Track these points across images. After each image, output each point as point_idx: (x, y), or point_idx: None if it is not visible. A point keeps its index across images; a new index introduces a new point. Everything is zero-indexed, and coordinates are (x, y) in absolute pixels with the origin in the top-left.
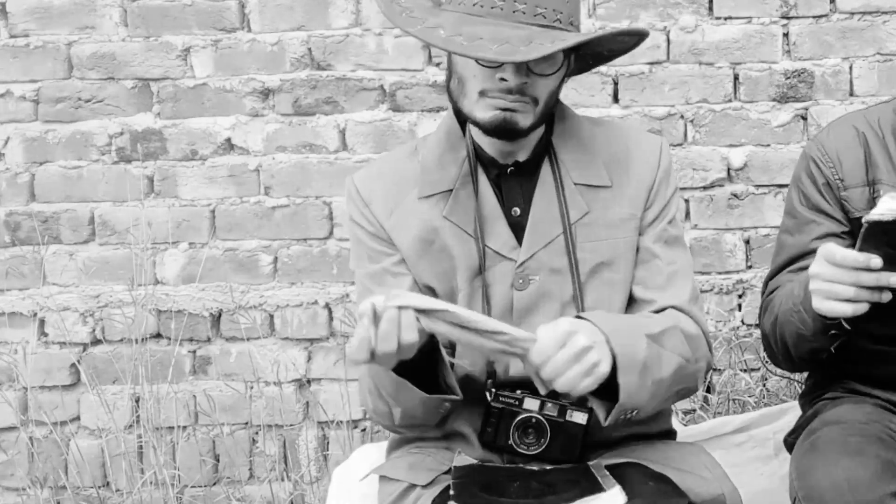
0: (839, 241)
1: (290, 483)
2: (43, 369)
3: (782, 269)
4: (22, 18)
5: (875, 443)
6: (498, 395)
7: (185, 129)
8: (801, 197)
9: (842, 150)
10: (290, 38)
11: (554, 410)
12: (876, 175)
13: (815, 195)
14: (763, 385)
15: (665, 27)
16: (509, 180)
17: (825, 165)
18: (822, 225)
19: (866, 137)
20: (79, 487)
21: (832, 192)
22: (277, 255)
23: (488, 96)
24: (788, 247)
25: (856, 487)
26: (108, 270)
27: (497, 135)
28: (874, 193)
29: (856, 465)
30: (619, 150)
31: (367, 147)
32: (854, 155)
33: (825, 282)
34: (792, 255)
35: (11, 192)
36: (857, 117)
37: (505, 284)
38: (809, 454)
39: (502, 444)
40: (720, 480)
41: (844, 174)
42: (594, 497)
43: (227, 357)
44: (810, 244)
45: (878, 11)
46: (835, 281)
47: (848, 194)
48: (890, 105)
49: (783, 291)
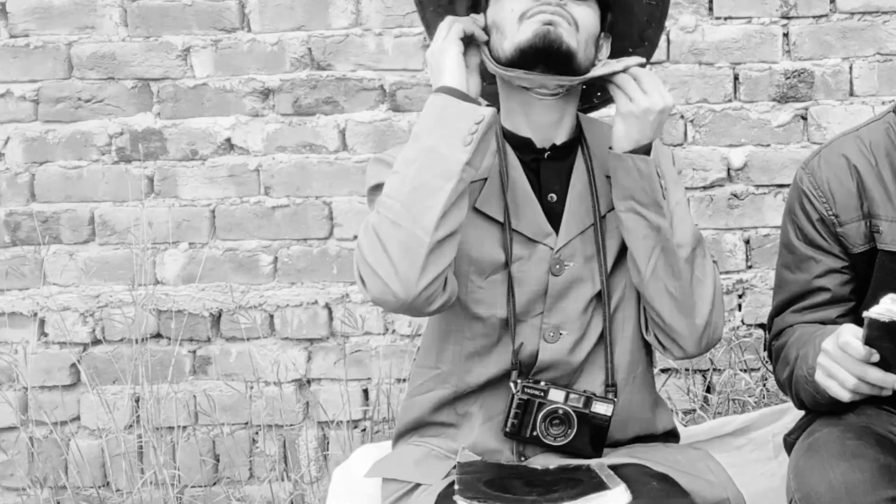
0: (841, 276)
1: (290, 483)
2: (43, 369)
3: (786, 307)
4: (22, 18)
5: (873, 446)
6: (524, 386)
7: (186, 129)
8: (796, 231)
9: (834, 184)
10: (290, 38)
11: (579, 402)
12: (872, 208)
13: (810, 231)
14: (763, 385)
15: (665, 27)
16: (547, 165)
17: (818, 201)
18: (820, 262)
19: (858, 169)
20: (79, 487)
21: (827, 228)
22: (277, 255)
23: (528, 16)
24: (790, 284)
25: (853, 491)
26: (108, 270)
27: (542, 53)
28: (872, 228)
29: (853, 468)
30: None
31: (367, 147)
32: (847, 189)
33: (832, 362)
34: (794, 294)
35: (11, 192)
36: (848, 143)
37: (541, 269)
38: (807, 456)
39: (528, 435)
40: (725, 485)
41: (838, 210)
42: (599, 495)
43: (227, 357)
44: (812, 283)
45: (878, 11)
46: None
47: (844, 231)
48: (882, 123)
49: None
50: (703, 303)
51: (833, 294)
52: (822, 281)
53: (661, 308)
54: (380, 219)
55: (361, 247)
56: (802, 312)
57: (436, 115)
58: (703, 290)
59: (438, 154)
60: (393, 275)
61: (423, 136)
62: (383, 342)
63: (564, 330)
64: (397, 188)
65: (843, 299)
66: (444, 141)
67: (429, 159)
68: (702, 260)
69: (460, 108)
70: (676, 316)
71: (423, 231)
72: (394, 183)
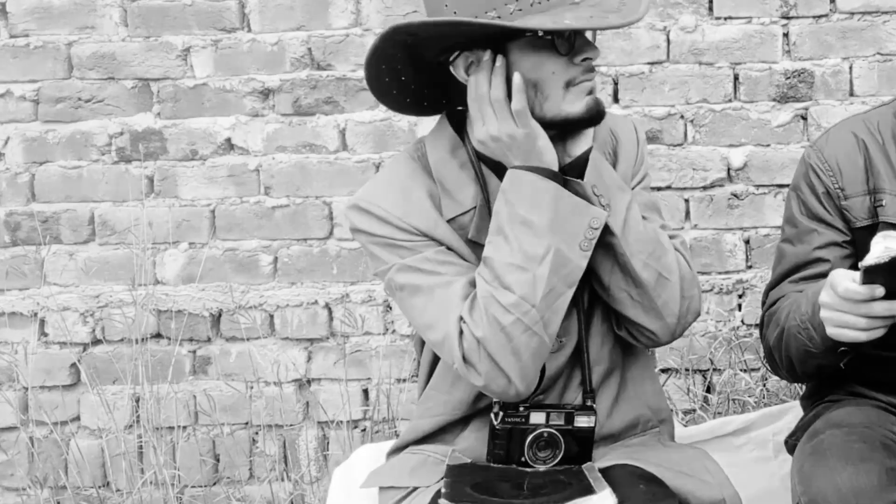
0: (841, 250)
1: (290, 483)
2: (43, 369)
3: (783, 278)
4: (22, 18)
5: (879, 449)
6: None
7: (185, 129)
8: (800, 206)
9: (841, 158)
10: (290, 38)
11: (560, 419)
12: (877, 183)
13: (814, 204)
14: (763, 385)
15: (665, 27)
16: None
17: (825, 174)
18: (822, 234)
19: (866, 144)
20: (79, 487)
21: (832, 201)
22: (277, 255)
23: (575, 84)
24: (789, 256)
25: (861, 496)
26: (108, 270)
27: (593, 122)
28: (876, 202)
29: (860, 473)
30: (607, 134)
31: (367, 147)
32: (854, 163)
33: (836, 311)
34: (793, 265)
35: (11, 192)
36: (856, 122)
37: None
38: (812, 460)
39: (517, 461)
40: (722, 485)
41: (845, 183)
42: (585, 499)
43: (227, 357)
44: (812, 253)
45: (878, 11)
46: (844, 311)
47: (849, 204)
48: (890, 108)
49: (788, 305)
50: (672, 301)
51: (832, 265)
52: (823, 252)
53: (630, 314)
54: (514, 322)
55: (487, 343)
56: (799, 283)
57: (551, 206)
58: (671, 290)
59: (564, 257)
60: (520, 377)
61: (543, 232)
62: (383, 342)
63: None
64: (530, 291)
65: None
66: (566, 242)
67: (556, 262)
68: (664, 259)
69: (575, 205)
70: (646, 318)
71: (549, 337)
72: (524, 283)
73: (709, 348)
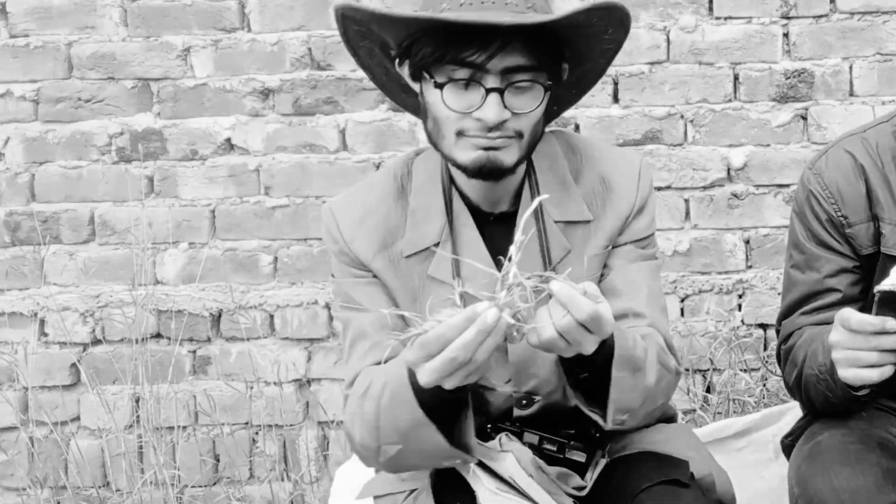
0: (851, 276)
1: (291, 483)
2: (43, 369)
3: (796, 308)
4: (22, 18)
5: (875, 450)
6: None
7: (185, 129)
8: (806, 232)
9: (842, 184)
10: (290, 38)
11: (553, 446)
12: (878, 211)
13: (820, 232)
14: (763, 385)
15: (665, 27)
16: (492, 227)
17: (826, 202)
18: (831, 261)
19: (865, 169)
20: (79, 487)
21: (837, 228)
22: (277, 254)
23: (467, 136)
24: (800, 284)
25: (857, 497)
26: (108, 270)
27: (481, 176)
28: (878, 229)
29: (857, 474)
30: (597, 182)
31: (367, 147)
32: (855, 189)
33: (846, 350)
34: (804, 294)
35: (11, 192)
36: (855, 143)
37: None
38: (809, 461)
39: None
40: (706, 460)
41: (847, 211)
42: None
43: (228, 357)
44: (823, 282)
45: (878, 11)
46: (855, 347)
47: (853, 231)
48: (889, 126)
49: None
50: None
51: (843, 294)
52: (833, 281)
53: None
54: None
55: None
56: (812, 314)
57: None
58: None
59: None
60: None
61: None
62: None
63: (539, 394)
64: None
65: (853, 299)
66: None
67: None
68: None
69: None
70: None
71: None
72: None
73: (709, 348)
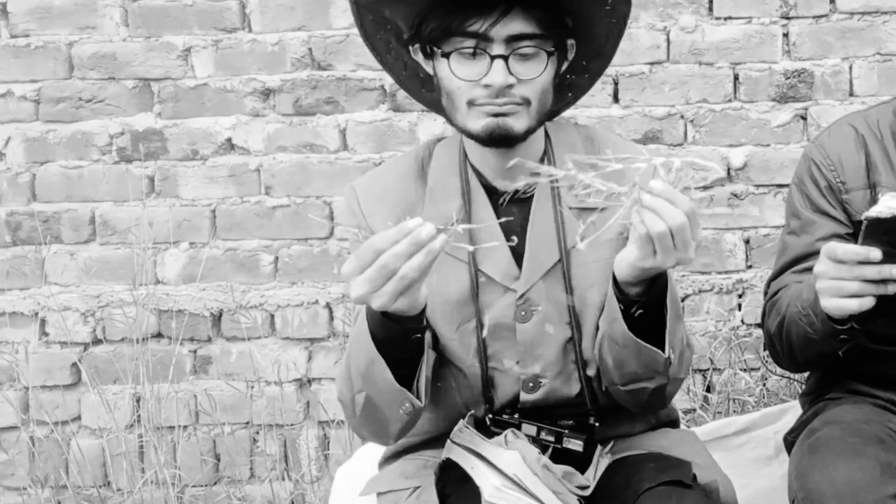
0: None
1: (291, 483)
2: (44, 369)
3: (786, 269)
4: (23, 18)
5: (874, 444)
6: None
7: (186, 129)
8: (803, 199)
9: (843, 153)
10: (290, 39)
11: (550, 436)
12: (876, 178)
13: (817, 197)
14: (763, 385)
15: (665, 27)
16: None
17: (827, 168)
18: (825, 226)
19: (865, 140)
20: (79, 487)
21: (834, 194)
22: (278, 254)
23: (477, 104)
24: (792, 247)
25: (855, 490)
26: (108, 270)
27: (493, 143)
28: (875, 196)
29: (855, 467)
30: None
31: (367, 147)
32: (855, 158)
33: (830, 279)
34: (796, 255)
35: (12, 192)
36: (856, 118)
37: (507, 317)
38: (809, 455)
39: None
40: (711, 468)
41: (846, 177)
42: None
43: (228, 357)
44: (815, 244)
45: (878, 11)
46: (839, 277)
47: (850, 197)
48: (890, 106)
49: (790, 293)
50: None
51: None
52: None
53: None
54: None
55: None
56: (801, 273)
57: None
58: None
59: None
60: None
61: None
62: None
63: (545, 377)
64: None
65: None
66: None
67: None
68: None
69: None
70: None
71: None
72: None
73: (709, 348)
